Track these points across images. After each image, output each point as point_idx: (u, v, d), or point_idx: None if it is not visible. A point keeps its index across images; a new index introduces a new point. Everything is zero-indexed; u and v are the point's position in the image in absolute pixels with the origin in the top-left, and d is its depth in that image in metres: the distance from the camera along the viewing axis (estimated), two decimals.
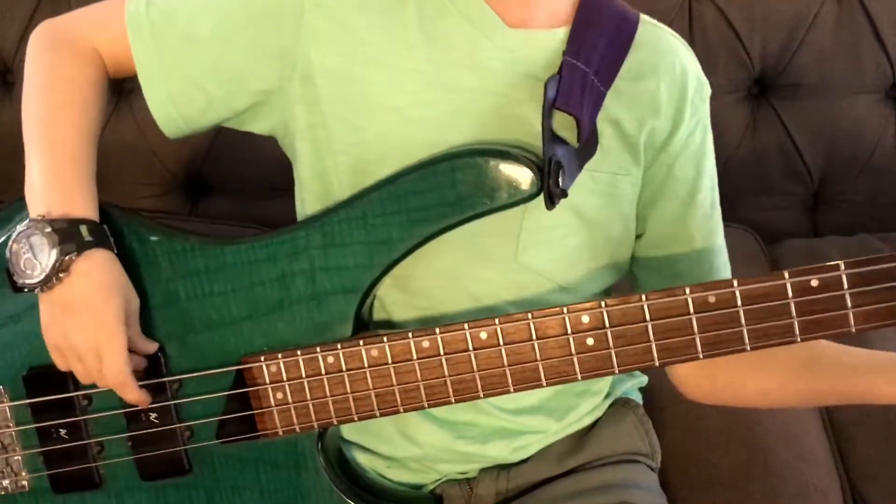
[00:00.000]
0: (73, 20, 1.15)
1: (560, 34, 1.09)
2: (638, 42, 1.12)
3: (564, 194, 1.03)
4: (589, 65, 1.07)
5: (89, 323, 1.02)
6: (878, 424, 1.54)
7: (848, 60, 1.96)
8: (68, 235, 1.02)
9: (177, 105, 1.10)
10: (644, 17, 1.15)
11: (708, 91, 1.17)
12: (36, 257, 1.01)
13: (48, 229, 1.01)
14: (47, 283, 1.01)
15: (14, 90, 2.02)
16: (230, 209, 2.04)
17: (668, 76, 1.12)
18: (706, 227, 1.17)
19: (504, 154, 1.03)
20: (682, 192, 1.15)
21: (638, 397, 1.32)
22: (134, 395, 1.05)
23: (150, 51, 1.10)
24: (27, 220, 1.03)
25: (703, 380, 1.19)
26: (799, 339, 0.98)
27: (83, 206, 1.05)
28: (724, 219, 1.19)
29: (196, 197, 2.09)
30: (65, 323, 1.03)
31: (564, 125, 1.06)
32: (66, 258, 1.01)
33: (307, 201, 1.14)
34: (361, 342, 1.04)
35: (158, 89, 1.10)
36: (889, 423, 1.52)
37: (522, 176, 1.02)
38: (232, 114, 1.12)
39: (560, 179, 1.02)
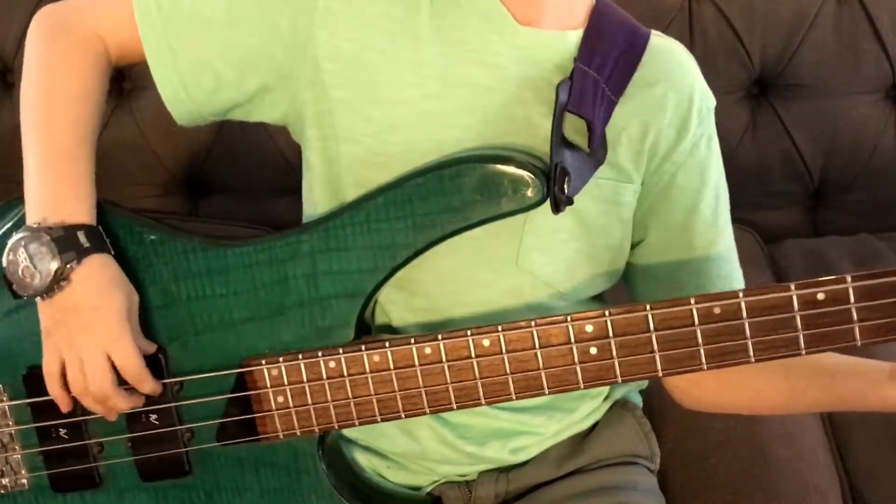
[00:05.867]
0: (76, 5, 1.13)
1: (571, 37, 1.09)
2: (649, 51, 1.12)
3: (570, 201, 1.03)
4: (601, 73, 1.07)
5: (93, 322, 1.02)
6: (878, 425, 1.54)
7: (848, 60, 1.96)
8: (67, 243, 1.01)
9: (186, 86, 1.09)
10: (654, 31, 1.15)
11: (713, 103, 1.17)
12: (35, 266, 1.00)
13: (46, 238, 1.00)
14: (48, 292, 1.01)
15: (14, 90, 2.01)
16: (230, 209, 2.04)
17: (675, 85, 1.12)
18: (707, 237, 1.16)
19: (510, 160, 1.02)
20: (684, 201, 1.15)
21: (637, 399, 1.32)
22: (151, 386, 1.05)
23: (159, 32, 1.08)
24: (23, 228, 1.02)
25: (693, 386, 1.19)
26: (804, 352, 0.98)
27: (79, 210, 1.04)
28: None
29: (196, 197, 2.08)
30: (68, 325, 1.03)
31: (574, 131, 1.06)
32: (67, 267, 1.01)
33: (315, 188, 1.14)
34: (363, 347, 1.04)
35: (167, 71, 1.09)
36: (889, 423, 1.52)
37: (528, 183, 1.01)
38: (242, 97, 1.10)
39: (566, 186, 1.02)
